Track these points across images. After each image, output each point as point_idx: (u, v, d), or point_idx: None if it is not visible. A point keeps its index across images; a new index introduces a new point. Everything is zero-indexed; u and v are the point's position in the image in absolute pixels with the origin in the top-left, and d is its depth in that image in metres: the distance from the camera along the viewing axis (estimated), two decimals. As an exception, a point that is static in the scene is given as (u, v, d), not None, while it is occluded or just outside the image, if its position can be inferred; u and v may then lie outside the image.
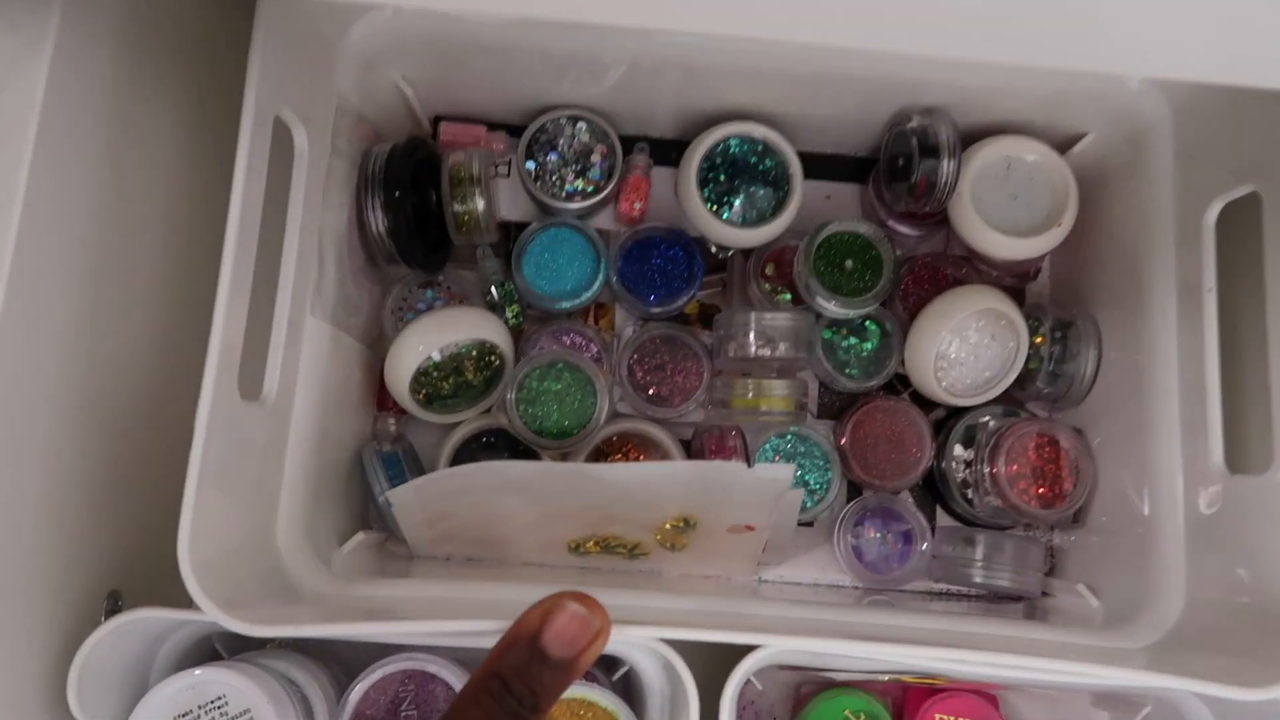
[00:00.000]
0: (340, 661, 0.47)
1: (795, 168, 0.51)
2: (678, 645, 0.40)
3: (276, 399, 0.41)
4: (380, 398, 0.52)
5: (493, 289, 0.52)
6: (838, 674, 0.49)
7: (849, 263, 0.50)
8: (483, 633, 0.35)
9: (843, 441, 0.51)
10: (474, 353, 0.48)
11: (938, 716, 0.48)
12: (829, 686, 0.49)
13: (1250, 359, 0.43)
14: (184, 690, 0.40)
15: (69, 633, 0.38)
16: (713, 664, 0.41)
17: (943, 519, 0.53)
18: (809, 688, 0.50)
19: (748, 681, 0.48)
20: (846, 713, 0.48)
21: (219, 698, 0.40)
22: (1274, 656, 0.37)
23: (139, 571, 0.43)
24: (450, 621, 0.36)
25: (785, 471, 0.42)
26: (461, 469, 0.41)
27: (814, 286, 0.50)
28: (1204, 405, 0.43)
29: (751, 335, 0.49)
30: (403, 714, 0.43)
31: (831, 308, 0.50)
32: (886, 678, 0.45)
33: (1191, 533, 0.44)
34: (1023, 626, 0.45)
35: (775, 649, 0.39)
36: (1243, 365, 0.44)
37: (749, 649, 0.39)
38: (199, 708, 0.40)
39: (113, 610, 0.41)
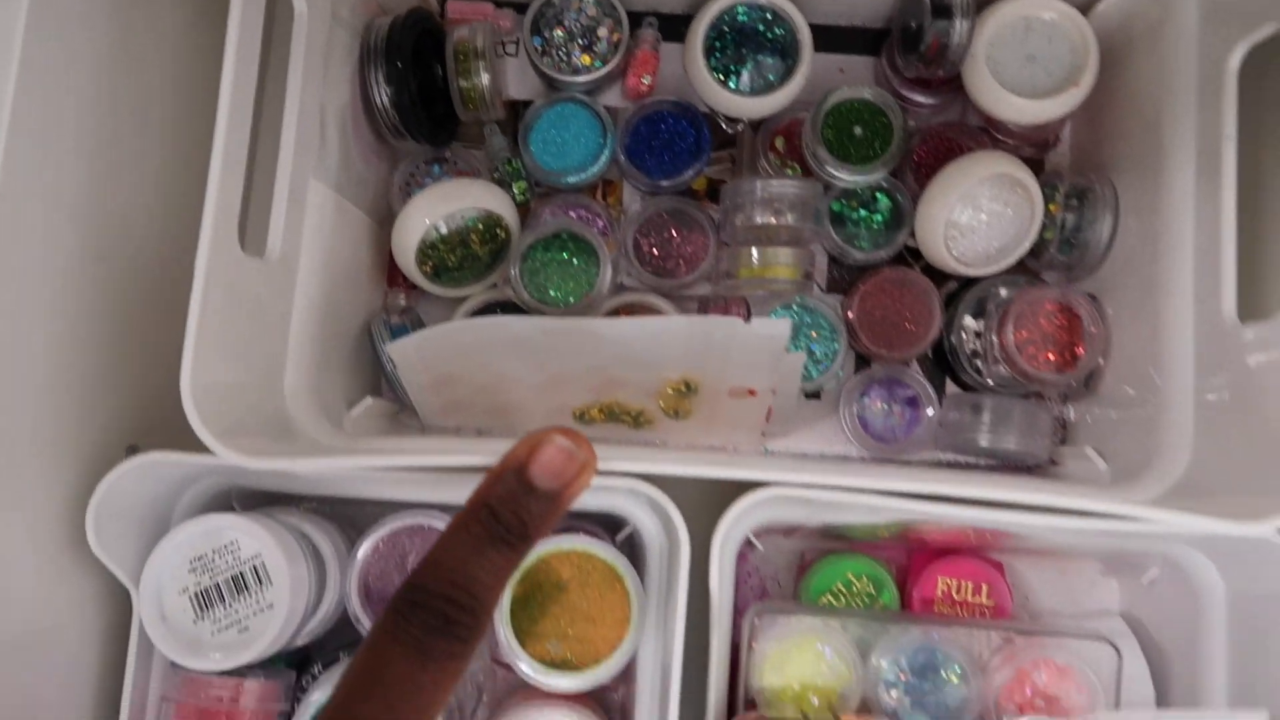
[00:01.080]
0: (352, 523, 0.49)
1: (804, 35, 0.50)
2: (676, 501, 0.41)
3: (281, 257, 0.42)
4: (390, 274, 0.53)
5: (500, 166, 0.52)
6: (840, 540, 0.50)
7: (858, 130, 0.50)
8: (478, 466, 0.36)
9: (850, 314, 0.51)
10: (480, 225, 0.49)
11: (941, 579, 0.49)
12: (832, 552, 0.50)
13: (1268, 209, 0.42)
14: (198, 535, 0.42)
15: (91, 481, 0.40)
16: (713, 522, 0.42)
17: (952, 391, 0.52)
18: (812, 554, 0.51)
19: (750, 544, 0.49)
20: (849, 574, 0.49)
21: (231, 543, 0.42)
22: (1271, 492, 0.36)
23: (159, 429, 0.45)
24: (446, 455, 0.37)
25: (782, 326, 0.42)
26: (462, 323, 0.42)
27: (822, 155, 0.49)
28: (1218, 261, 0.42)
29: (757, 203, 0.49)
30: (409, 566, 0.44)
31: (840, 176, 0.49)
32: (887, 533, 0.45)
33: (1200, 386, 0.43)
34: (1028, 482, 0.44)
35: (769, 494, 0.39)
36: (1260, 217, 0.43)
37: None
38: (212, 551, 0.42)
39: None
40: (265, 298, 0.42)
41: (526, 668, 0.42)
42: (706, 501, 0.43)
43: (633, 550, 0.47)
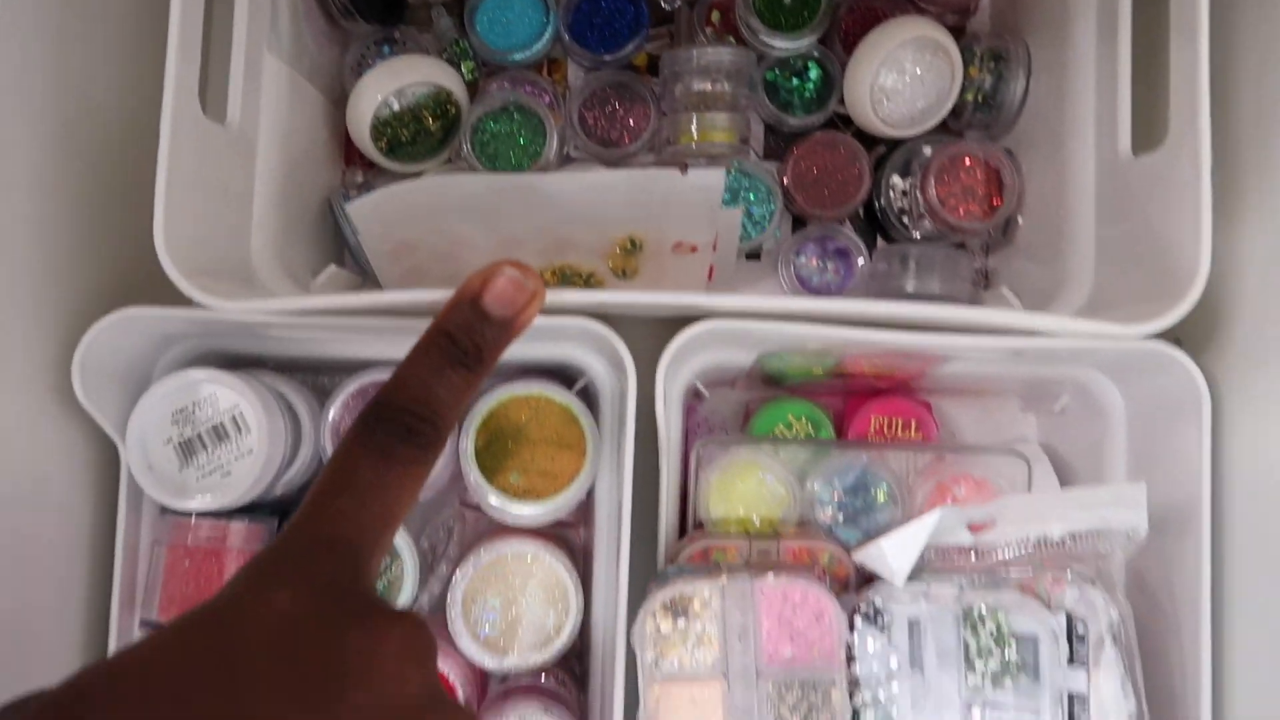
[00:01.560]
0: (323, 391, 0.51)
1: (733, -90, 0.52)
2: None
3: (241, 128, 0.44)
4: (348, 153, 0.55)
5: (448, 46, 0.54)
6: (780, 389, 0.53)
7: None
8: (436, 303, 0.39)
9: (785, 177, 0.54)
10: (431, 101, 0.51)
11: (874, 418, 0.53)
12: (773, 399, 0.54)
13: (1161, 52, 0.46)
14: (178, 389, 0.44)
15: (76, 341, 0.43)
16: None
17: (881, 246, 0.56)
18: (755, 403, 0.55)
19: (698, 396, 0.53)
20: (789, 416, 0.53)
21: (210, 395, 0.44)
22: (1156, 304, 0.40)
23: (139, 294, 0.47)
24: (409, 295, 0.40)
25: (716, 176, 0.45)
26: (415, 181, 0.45)
27: (754, 24, 0.52)
28: (1115, 106, 0.46)
29: (695, 71, 0.51)
30: None
31: (772, 44, 0.52)
32: (822, 371, 0.49)
33: (1100, 218, 0.47)
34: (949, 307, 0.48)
35: (709, 325, 0.43)
36: (1155, 57, 0.46)
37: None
38: (192, 404, 0.44)
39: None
40: (227, 164, 0.44)
41: (494, 500, 0.45)
42: (653, 348, 0.46)
43: (588, 400, 0.51)
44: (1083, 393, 0.50)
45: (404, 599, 0.46)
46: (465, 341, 0.36)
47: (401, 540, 0.47)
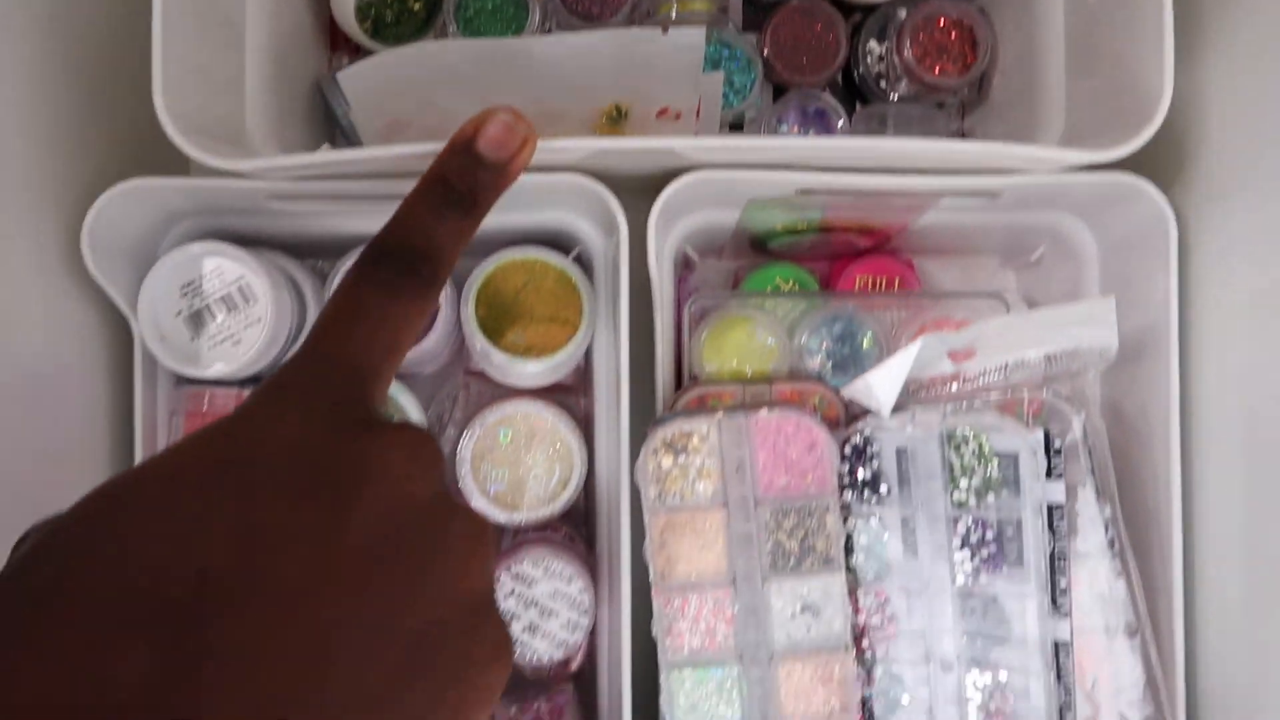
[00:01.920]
0: (323, 273, 0.53)
1: None
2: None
3: (228, 7, 0.45)
4: (333, 38, 0.56)
5: (425, -71, 0.55)
6: (767, 255, 0.55)
7: None
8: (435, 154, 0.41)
9: (765, 48, 0.55)
10: (412, -20, 0.52)
11: (859, 277, 0.55)
12: (761, 265, 0.56)
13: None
14: (185, 262, 0.46)
15: (74, 223, 0.44)
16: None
17: (860, 110, 0.58)
18: (743, 270, 0.57)
19: (688, 265, 0.55)
20: (777, 280, 0.55)
21: (216, 267, 0.46)
22: (1124, 132, 0.42)
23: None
24: (415, 145, 0.41)
25: (697, 35, 0.46)
26: (405, 49, 0.46)
27: (726, -107, 0.53)
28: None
29: (670, -59, 0.52)
30: None
31: (744, -90, 0.53)
32: (808, 228, 0.50)
33: (1070, 67, 0.48)
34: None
35: (699, 175, 0.44)
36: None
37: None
38: (199, 277, 0.46)
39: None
40: (219, 43, 0.45)
41: (497, 359, 0.47)
42: (642, 218, 0.48)
43: (581, 268, 0.52)
44: (1057, 239, 0.52)
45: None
46: (460, 185, 0.37)
47: (409, 402, 0.49)
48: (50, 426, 0.44)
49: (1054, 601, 0.43)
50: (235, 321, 0.46)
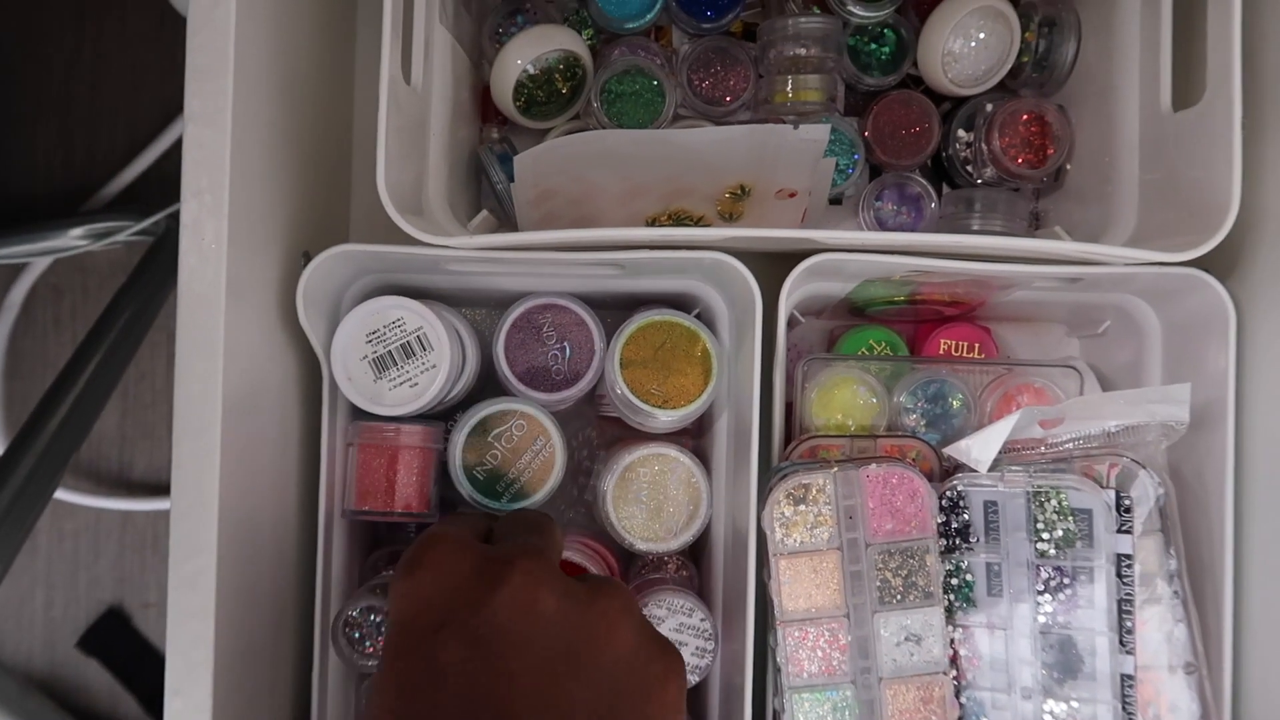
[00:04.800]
0: (473, 320, 0.59)
1: (822, -106, 0.59)
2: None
3: (421, 87, 0.52)
4: (484, 111, 0.62)
5: (569, 15, 0.61)
6: (862, 317, 0.62)
7: (870, -26, 0.60)
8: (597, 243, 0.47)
9: (866, 132, 0.62)
10: (562, 65, 0.59)
11: (942, 341, 0.61)
12: (855, 326, 0.62)
13: (1198, 13, 0.53)
14: (371, 314, 0.52)
15: (286, 278, 0.51)
16: (767, 296, 0.53)
17: (948, 192, 0.64)
18: (839, 330, 0.63)
19: (791, 324, 0.61)
20: (870, 342, 0.61)
21: (398, 320, 0.52)
22: (1193, 236, 0.49)
23: (324, 240, 0.55)
24: (597, 231, 0.47)
25: (822, 131, 0.53)
26: (570, 136, 0.52)
27: (840, -4, 0.59)
28: (1157, 65, 0.54)
29: (789, 38, 0.59)
30: (545, 332, 0.55)
31: (855, 12, 0.60)
32: (902, 297, 0.57)
33: (1144, 165, 0.55)
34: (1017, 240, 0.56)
35: (824, 257, 0.51)
36: (1193, 21, 0.54)
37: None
38: (384, 327, 0.52)
39: (307, 261, 0.53)
40: (413, 119, 0.51)
41: (640, 409, 0.53)
42: (763, 269, 0.54)
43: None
44: (1123, 316, 0.58)
45: (553, 478, 0.54)
46: None
47: (551, 424, 0.54)
48: (258, 442, 0.50)
49: (1121, 641, 0.50)
50: (414, 366, 0.52)
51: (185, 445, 0.44)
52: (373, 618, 0.52)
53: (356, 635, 0.52)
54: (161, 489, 0.86)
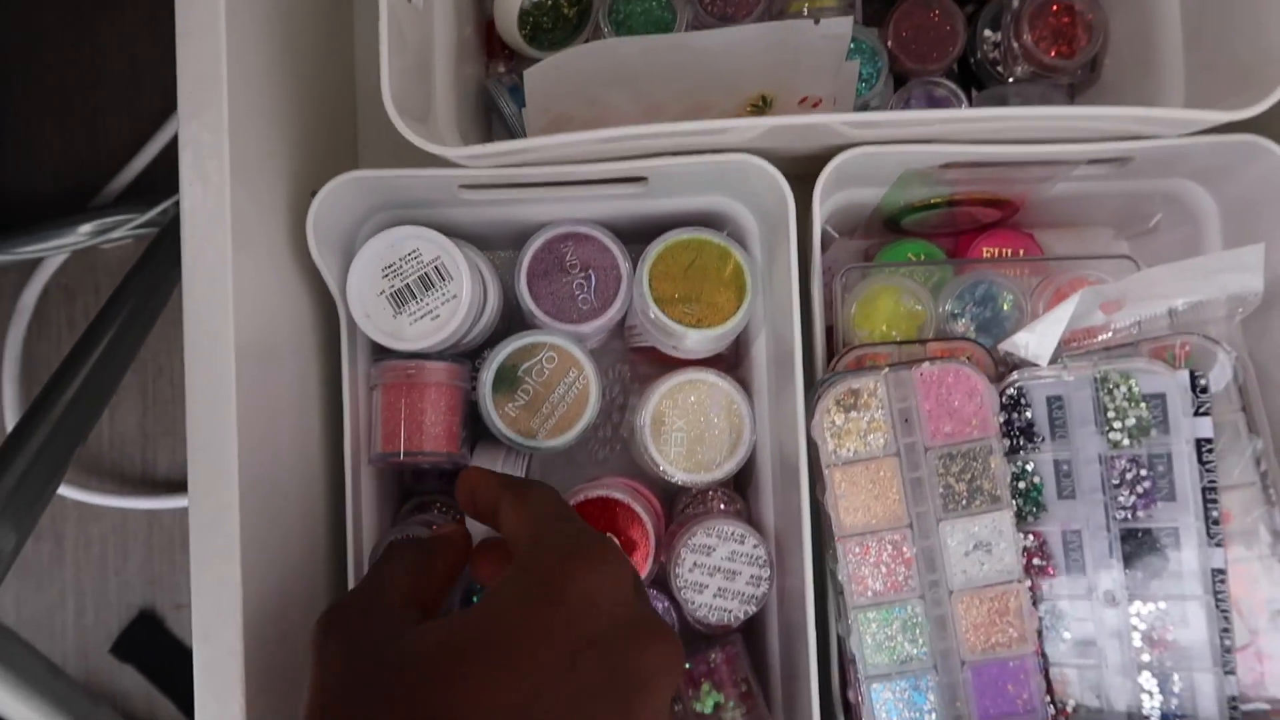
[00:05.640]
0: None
1: None
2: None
3: (422, 9, 0.50)
4: (489, 46, 0.60)
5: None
6: (898, 232, 0.59)
7: (879, -127, 0.57)
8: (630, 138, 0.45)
9: (888, 40, 0.59)
10: (566, -12, 0.56)
11: (985, 249, 0.58)
12: (892, 240, 0.59)
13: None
14: (385, 248, 0.50)
15: (296, 219, 0.49)
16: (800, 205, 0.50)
17: (978, 94, 0.61)
18: (874, 248, 0.60)
19: (825, 237, 0.58)
20: (909, 255, 0.58)
21: (413, 251, 0.50)
22: (1246, 97, 0.45)
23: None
24: (642, 128, 0.45)
25: (845, 24, 0.50)
26: (581, 48, 0.50)
27: (851, -101, 0.57)
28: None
29: (801, -56, 0.57)
30: (568, 262, 0.53)
31: (868, -86, 0.57)
32: (937, 212, 0.54)
33: (1187, 34, 0.52)
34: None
35: (858, 151, 0.48)
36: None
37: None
38: (399, 260, 0.50)
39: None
40: (417, 41, 0.49)
41: (672, 331, 0.51)
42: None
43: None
44: (1175, 205, 0.55)
45: (589, 412, 0.51)
46: None
47: (583, 355, 0.52)
48: (276, 387, 0.48)
49: (1208, 532, 0.47)
50: (433, 298, 0.50)
51: (198, 394, 0.42)
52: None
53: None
54: (186, 486, 0.84)
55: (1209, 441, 0.46)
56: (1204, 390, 0.47)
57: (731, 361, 0.58)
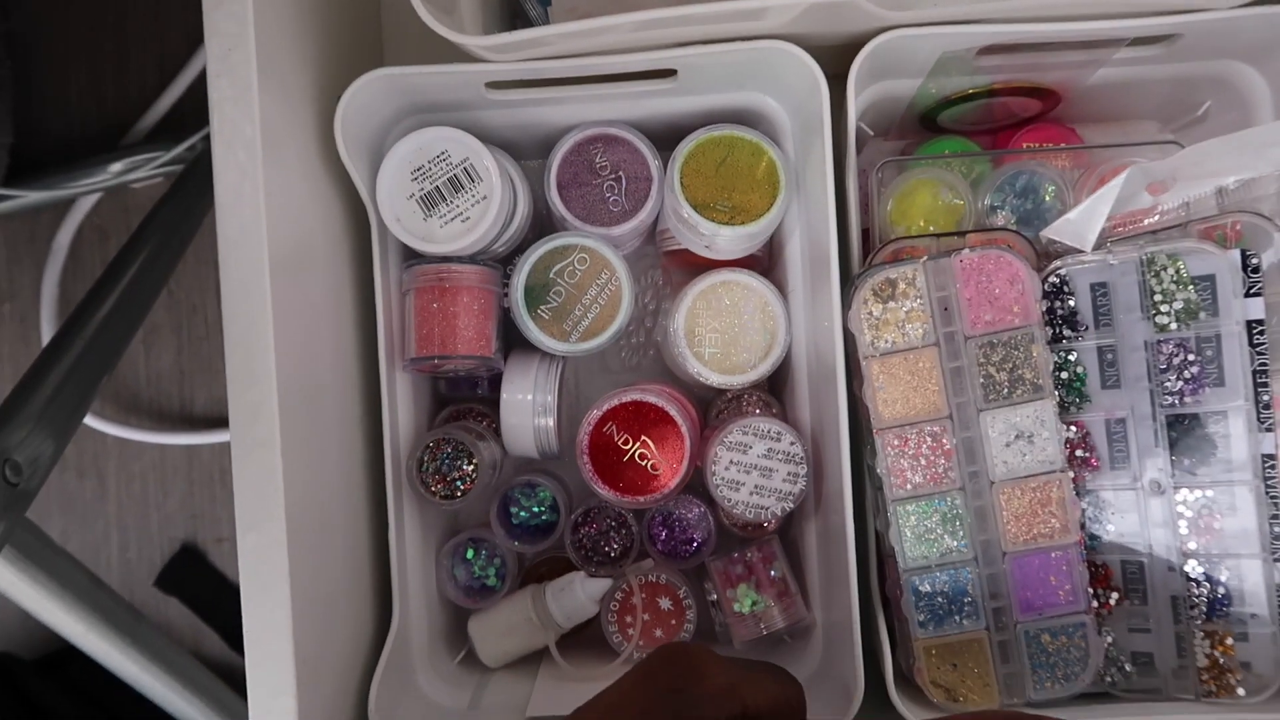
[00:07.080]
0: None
1: None
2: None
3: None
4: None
5: None
6: (933, 130, 0.57)
7: None
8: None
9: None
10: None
11: (1026, 144, 0.57)
12: (929, 140, 0.58)
13: None
14: (413, 150, 0.49)
15: (324, 116, 0.48)
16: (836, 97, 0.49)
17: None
18: (910, 148, 0.59)
19: (859, 135, 0.57)
20: (945, 152, 0.57)
21: (442, 153, 0.50)
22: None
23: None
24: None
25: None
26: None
27: None
28: None
29: None
30: (598, 165, 0.52)
31: None
32: (974, 112, 0.53)
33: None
34: None
35: (894, 34, 0.47)
36: None
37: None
38: (428, 162, 0.50)
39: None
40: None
41: (705, 229, 0.50)
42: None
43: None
44: (1225, 90, 0.53)
45: (622, 315, 0.51)
46: None
47: (614, 257, 0.51)
48: (310, 295, 0.48)
49: (1259, 416, 0.45)
50: (464, 200, 0.49)
51: (235, 307, 0.42)
52: (447, 450, 0.51)
53: (430, 469, 0.51)
54: (224, 421, 0.85)
55: (1260, 323, 0.45)
56: (1256, 270, 0.45)
57: (765, 264, 0.57)
